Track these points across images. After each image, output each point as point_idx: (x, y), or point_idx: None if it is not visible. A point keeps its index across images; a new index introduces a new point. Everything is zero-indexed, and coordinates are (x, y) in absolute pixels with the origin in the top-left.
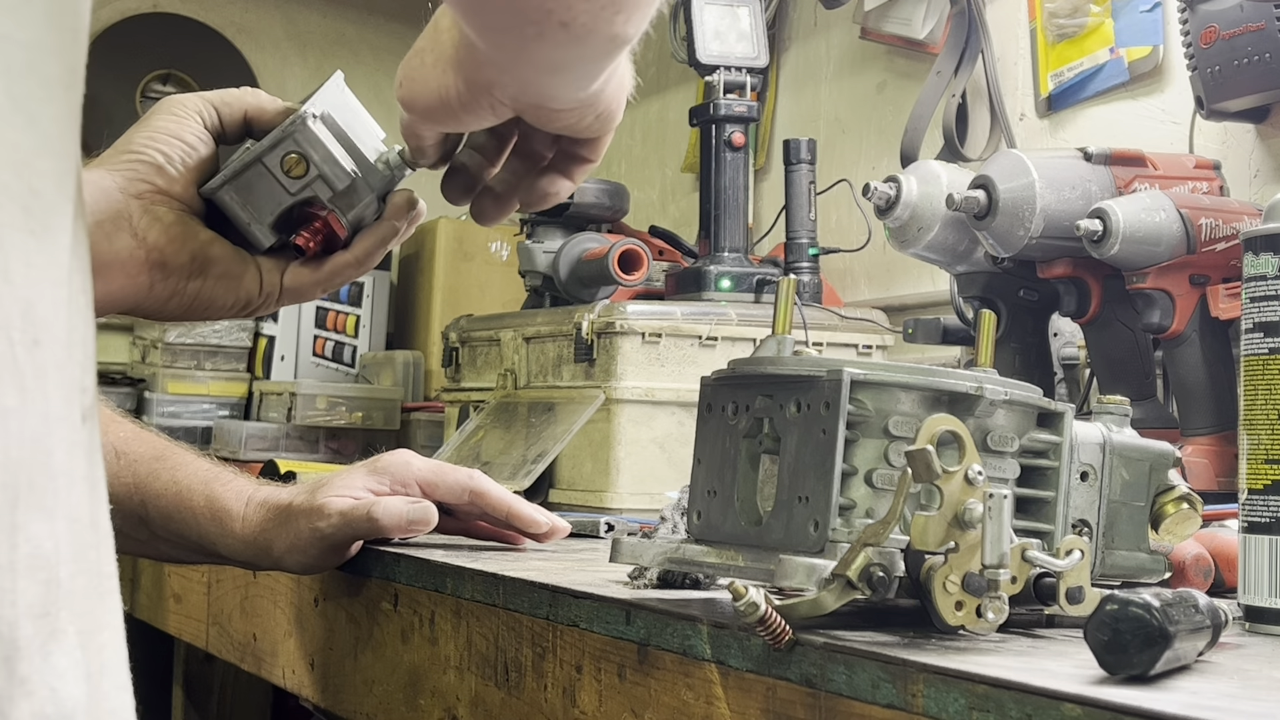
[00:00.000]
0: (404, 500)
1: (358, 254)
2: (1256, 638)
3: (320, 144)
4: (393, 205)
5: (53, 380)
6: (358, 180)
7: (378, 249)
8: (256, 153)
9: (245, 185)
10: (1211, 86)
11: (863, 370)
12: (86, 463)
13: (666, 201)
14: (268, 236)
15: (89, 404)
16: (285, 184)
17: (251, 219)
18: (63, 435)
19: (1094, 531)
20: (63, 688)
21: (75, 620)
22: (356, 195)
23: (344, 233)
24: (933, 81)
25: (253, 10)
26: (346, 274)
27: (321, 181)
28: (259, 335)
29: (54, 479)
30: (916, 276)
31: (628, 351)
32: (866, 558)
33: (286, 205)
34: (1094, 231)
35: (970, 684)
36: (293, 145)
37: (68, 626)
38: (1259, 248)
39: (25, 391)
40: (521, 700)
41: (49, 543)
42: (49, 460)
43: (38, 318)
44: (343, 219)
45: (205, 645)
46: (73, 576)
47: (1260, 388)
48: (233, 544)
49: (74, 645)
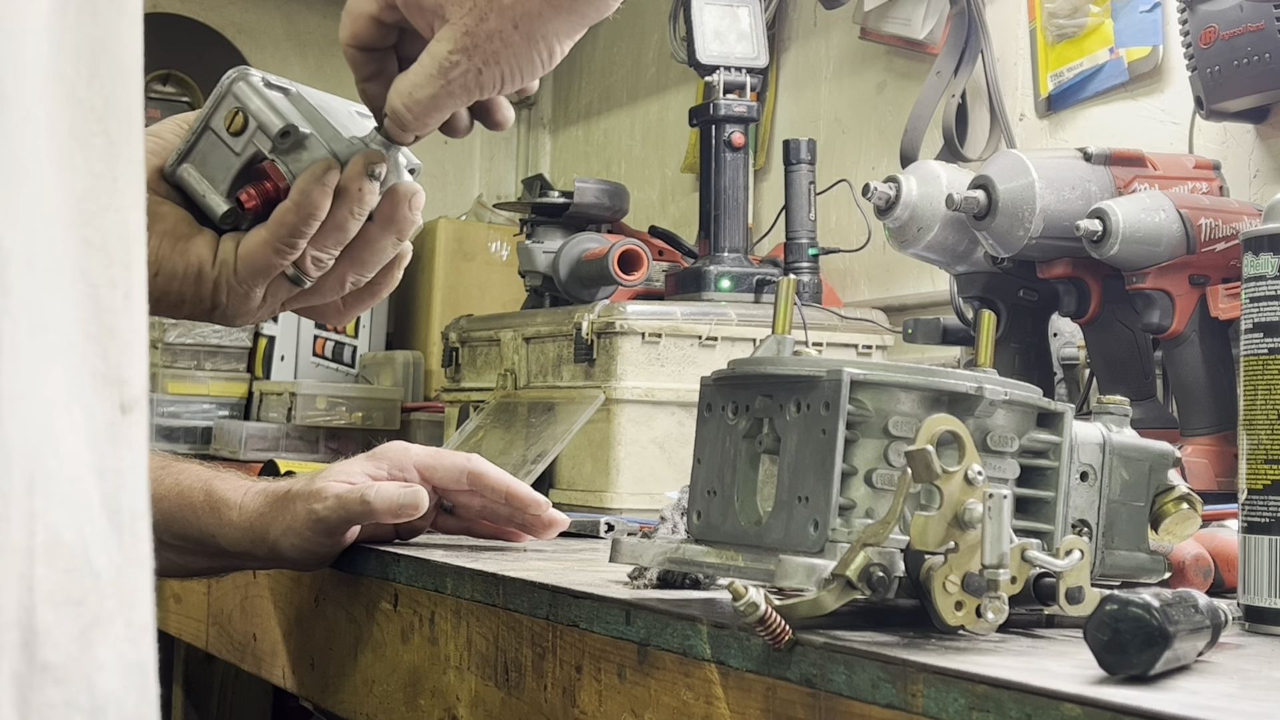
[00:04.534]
0: (397, 485)
1: (294, 195)
2: (1256, 638)
3: (258, 95)
4: (350, 160)
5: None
6: (310, 139)
7: (314, 187)
8: (203, 117)
9: (200, 157)
10: (1211, 86)
11: (863, 370)
12: (130, 455)
13: (666, 201)
14: (221, 203)
15: (131, 396)
16: (230, 144)
17: (207, 190)
18: (77, 424)
19: (1094, 531)
20: (100, 679)
21: (124, 611)
22: (306, 151)
23: (286, 184)
24: (932, 81)
25: (253, 10)
26: (290, 221)
27: (260, 133)
28: (259, 335)
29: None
30: (916, 276)
31: (628, 351)
32: (866, 558)
33: (236, 169)
34: (1094, 231)
35: (970, 684)
36: (231, 101)
37: (115, 617)
38: (1259, 248)
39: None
40: (521, 700)
41: (70, 531)
42: (61, 449)
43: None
44: (286, 172)
45: (205, 645)
46: (119, 568)
47: (1260, 388)
48: (230, 532)
49: (121, 637)
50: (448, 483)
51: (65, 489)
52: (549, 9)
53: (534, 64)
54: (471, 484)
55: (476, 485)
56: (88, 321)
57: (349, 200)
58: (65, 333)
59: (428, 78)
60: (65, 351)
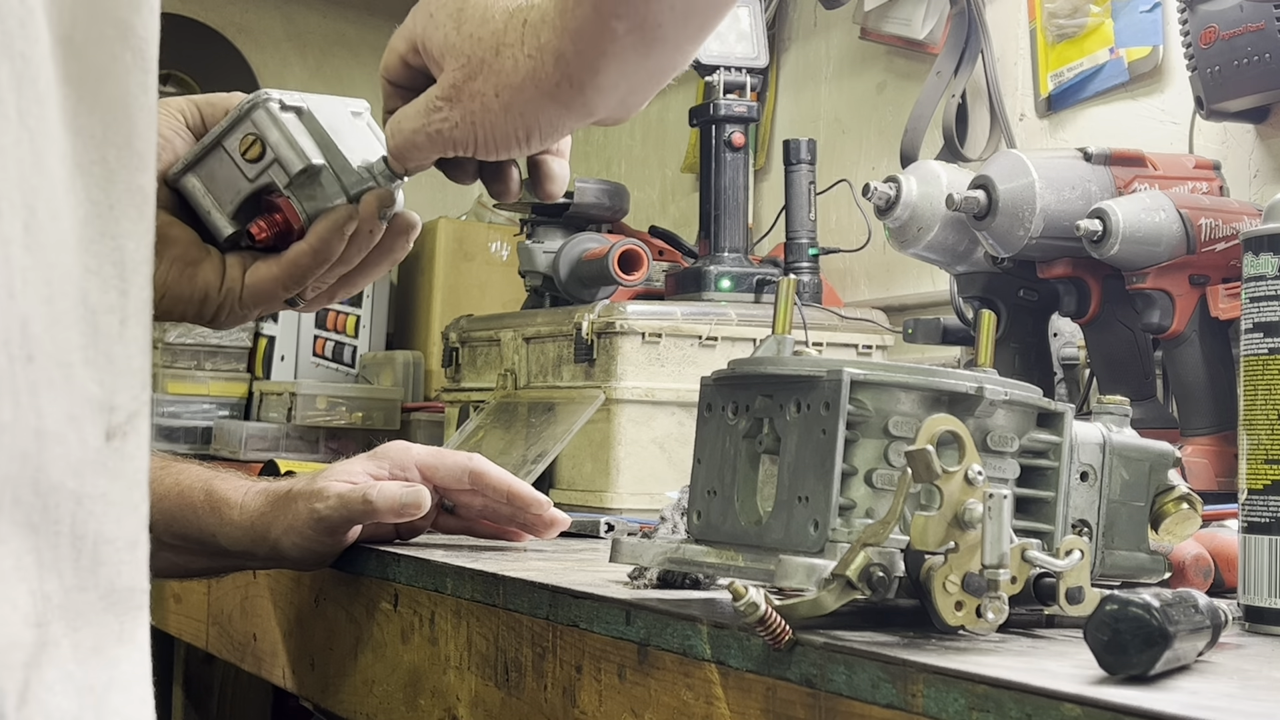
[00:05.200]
0: (399, 485)
1: (312, 241)
2: (1256, 638)
3: (277, 126)
4: (363, 201)
5: (45, 397)
6: (324, 173)
7: (334, 236)
8: (215, 134)
9: (207, 172)
10: (1211, 87)
11: (863, 370)
12: (106, 482)
13: (666, 201)
14: (227, 225)
15: (116, 423)
16: (243, 169)
17: (212, 207)
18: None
19: (1094, 531)
20: (51, 700)
21: (71, 634)
22: (320, 189)
23: (300, 223)
24: (933, 81)
25: (253, 10)
26: (304, 265)
27: (278, 166)
28: (259, 335)
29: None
30: (916, 276)
31: (628, 351)
32: (866, 558)
33: (246, 193)
34: (1094, 231)
35: (970, 684)
36: (249, 126)
37: (61, 639)
38: (1259, 248)
39: (19, 407)
40: (521, 700)
41: (29, 557)
42: (38, 476)
43: (32, 334)
44: (300, 209)
45: (205, 645)
46: (67, 591)
47: (1260, 388)
48: (231, 532)
49: (67, 658)
50: (449, 482)
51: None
52: (530, 85)
53: (508, 137)
54: (473, 483)
55: (478, 485)
56: (87, 347)
57: (360, 241)
58: (64, 359)
59: (415, 113)
60: (61, 380)
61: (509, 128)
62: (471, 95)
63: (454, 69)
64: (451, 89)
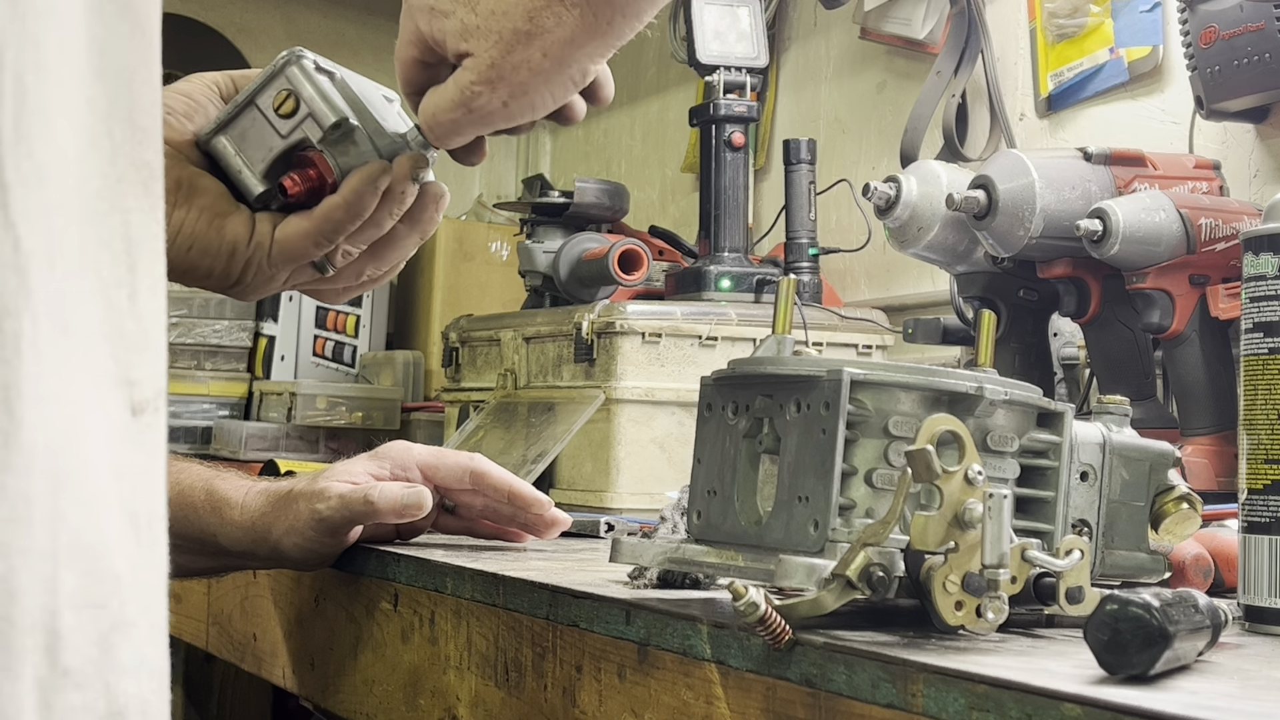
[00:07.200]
0: (400, 485)
1: (345, 194)
2: (1256, 638)
3: (311, 82)
4: (397, 161)
5: (78, 368)
6: (357, 132)
7: (367, 189)
8: (248, 92)
9: (239, 132)
10: (1211, 86)
11: (863, 370)
12: (144, 457)
13: (666, 201)
14: (257, 184)
15: (141, 398)
16: (276, 125)
17: (243, 166)
18: (98, 425)
19: (1094, 531)
20: (118, 683)
21: (145, 614)
22: (354, 146)
23: (333, 177)
24: (933, 81)
25: (253, 10)
26: (336, 219)
27: (311, 120)
28: (259, 335)
29: (92, 470)
30: (916, 276)
31: (628, 351)
32: (866, 558)
33: (278, 150)
34: (1094, 231)
35: (970, 684)
36: (284, 82)
37: (138, 620)
38: (1259, 248)
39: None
40: (521, 700)
41: (90, 533)
42: (83, 450)
43: (67, 306)
44: (334, 164)
45: (205, 645)
46: (136, 570)
47: (1260, 388)
48: (232, 532)
49: (144, 640)
50: (450, 482)
51: (86, 491)
52: (583, 34)
53: (566, 88)
54: (474, 483)
55: (479, 484)
56: (102, 322)
57: (391, 201)
58: (85, 333)
59: (450, 104)
60: (85, 352)
61: (563, 80)
62: (515, 67)
63: (486, 49)
64: (491, 69)
